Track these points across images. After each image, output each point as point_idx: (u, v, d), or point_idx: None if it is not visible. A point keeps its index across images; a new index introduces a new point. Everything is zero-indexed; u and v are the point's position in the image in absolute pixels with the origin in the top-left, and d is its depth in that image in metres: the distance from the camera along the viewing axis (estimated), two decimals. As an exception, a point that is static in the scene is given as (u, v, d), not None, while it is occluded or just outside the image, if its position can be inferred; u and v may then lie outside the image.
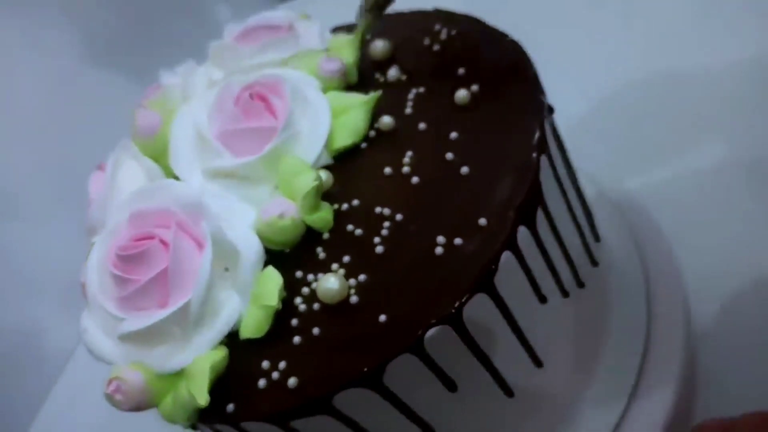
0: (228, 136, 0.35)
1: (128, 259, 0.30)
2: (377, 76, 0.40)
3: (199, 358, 0.30)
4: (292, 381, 0.29)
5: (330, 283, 0.30)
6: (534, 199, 0.31)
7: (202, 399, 0.29)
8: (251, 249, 0.32)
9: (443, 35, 0.40)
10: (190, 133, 0.37)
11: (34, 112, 0.74)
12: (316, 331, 0.31)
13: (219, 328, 0.31)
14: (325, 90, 0.38)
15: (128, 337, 0.31)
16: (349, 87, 0.39)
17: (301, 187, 0.33)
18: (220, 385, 0.31)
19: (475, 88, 0.36)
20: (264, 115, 0.35)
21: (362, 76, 0.40)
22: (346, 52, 0.40)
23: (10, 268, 0.69)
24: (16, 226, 0.71)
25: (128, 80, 0.79)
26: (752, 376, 0.40)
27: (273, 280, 0.31)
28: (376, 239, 0.32)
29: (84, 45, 0.79)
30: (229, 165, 0.35)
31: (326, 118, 0.36)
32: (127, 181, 0.37)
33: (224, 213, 0.33)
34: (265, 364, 0.30)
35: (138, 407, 0.30)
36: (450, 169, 0.33)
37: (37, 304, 0.71)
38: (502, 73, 0.37)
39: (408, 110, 0.37)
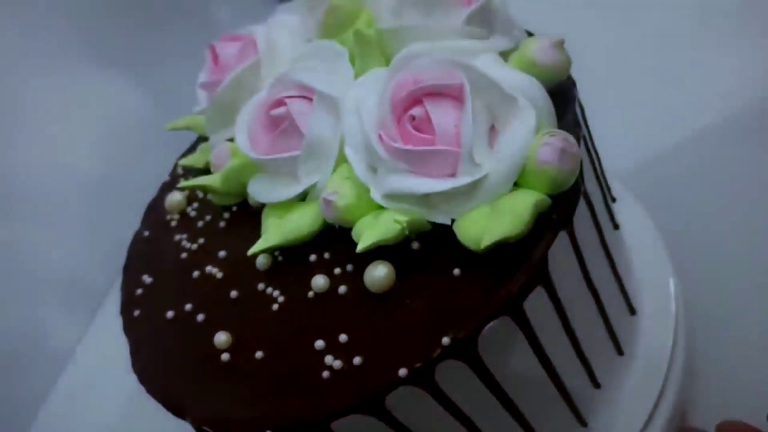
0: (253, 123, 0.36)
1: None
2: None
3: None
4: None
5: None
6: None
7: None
8: None
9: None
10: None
11: (35, 112, 0.74)
12: None
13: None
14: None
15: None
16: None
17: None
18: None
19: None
20: (283, 131, 0.34)
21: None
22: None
23: (10, 268, 0.69)
24: (17, 226, 0.70)
25: (128, 80, 0.79)
26: (752, 376, 0.40)
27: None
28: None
29: (84, 45, 0.78)
30: (239, 141, 0.36)
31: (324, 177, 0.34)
32: None
33: None
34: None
35: None
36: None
37: (37, 304, 0.71)
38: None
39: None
